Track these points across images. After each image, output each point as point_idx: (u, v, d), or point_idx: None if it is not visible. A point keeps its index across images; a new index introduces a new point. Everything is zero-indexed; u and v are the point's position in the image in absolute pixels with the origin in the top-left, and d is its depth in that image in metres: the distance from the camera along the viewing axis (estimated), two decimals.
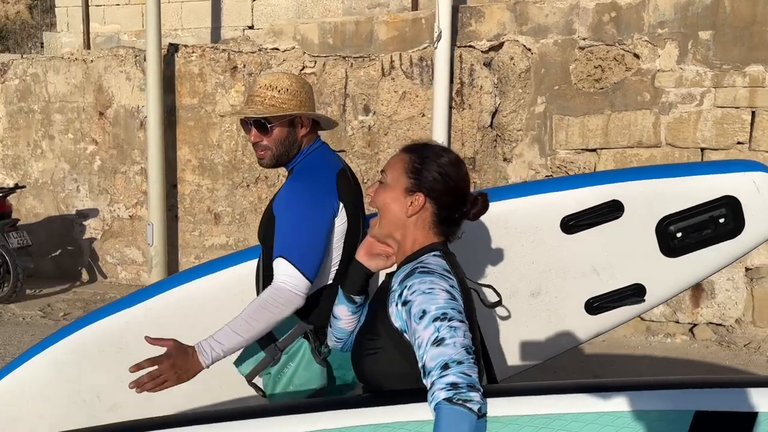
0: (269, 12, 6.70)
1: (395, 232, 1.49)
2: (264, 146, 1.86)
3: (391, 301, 1.40)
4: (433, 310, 1.28)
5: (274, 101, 1.84)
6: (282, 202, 1.82)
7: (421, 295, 1.31)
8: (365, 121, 5.53)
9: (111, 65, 6.25)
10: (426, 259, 1.42)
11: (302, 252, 1.74)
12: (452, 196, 1.46)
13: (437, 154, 1.48)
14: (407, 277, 1.37)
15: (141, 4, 7.07)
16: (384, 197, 1.49)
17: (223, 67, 5.93)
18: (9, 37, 10.65)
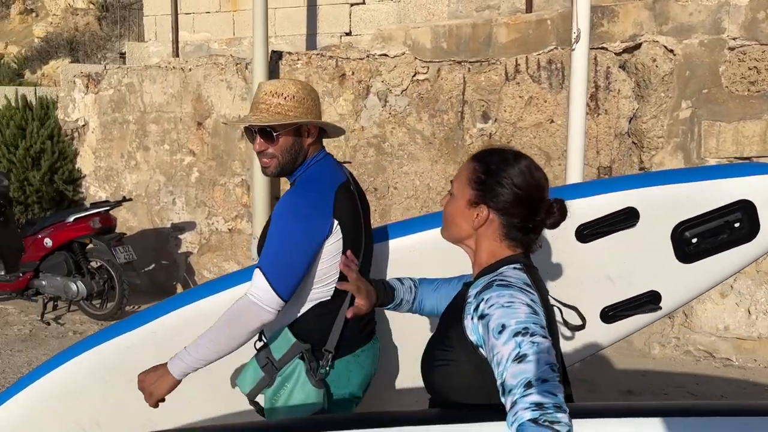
0: (368, 18, 6.48)
1: (466, 241, 1.45)
2: (270, 154, 1.81)
3: (466, 314, 1.34)
4: (513, 324, 1.21)
5: (280, 108, 1.79)
6: (276, 214, 1.79)
7: (499, 309, 1.24)
8: (485, 129, 5.25)
9: (211, 74, 6.07)
10: (505, 271, 1.35)
11: (280, 269, 1.71)
12: (521, 207, 1.37)
13: (504, 162, 1.39)
14: (484, 290, 1.31)
15: (233, 11, 6.92)
16: (449, 210, 1.45)
17: (331, 74, 5.70)
18: (79, 48, 10.64)
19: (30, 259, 5.50)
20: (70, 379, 2.17)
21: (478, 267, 1.42)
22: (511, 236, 1.39)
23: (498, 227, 1.39)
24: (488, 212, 1.38)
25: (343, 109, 5.69)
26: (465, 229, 1.42)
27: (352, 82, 5.65)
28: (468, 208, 1.41)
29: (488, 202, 1.38)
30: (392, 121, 5.54)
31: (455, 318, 1.38)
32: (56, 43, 10.74)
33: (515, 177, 1.37)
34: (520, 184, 1.36)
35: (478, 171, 1.40)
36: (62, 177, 6.51)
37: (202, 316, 2.03)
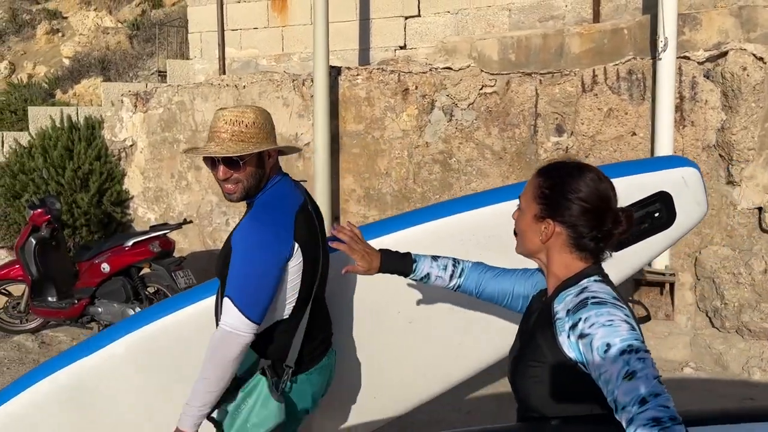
0: (424, 30, 6.30)
1: (537, 254, 1.48)
2: (235, 179, 1.86)
3: (560, 331, 1.35)
4: (618, 342, 1.23)
5: (242, 136, 1.84)
6: (237, 240, 1.83)
7: (601, 328, 1.27)
8: (561, 142, 5.04)
9: (266, 90, 5.90)
10: (590, 286, 1.38)
11: (248, 295, 1.77)
12: (587, 219, 1.39)
13: (568, 175, 1.41)
14: (579, 309, 1.32)
15: (282, 26, 6.77)
16: (519, 225, 1.50)
17: (393, 89, 5.51)
18: (110, 67, 10.51)
19: (85, 285, 5.30)
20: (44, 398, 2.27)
21: (555, 279, 1.45)
22: (581, 247, 1.41)
23: (566, 239, 1.41)
24: (554, 226, 1.41)
25: (406, 124, 5.50)
26: (535, 242, 1.45)
27: (416, 97, 5.46)
28: (535, 222, 1.44)
29: (554, 216, 1.41)
30: (459, 136, 5.34)
31: (545, 333, 1.39)
32: (87, 62, 10.62)
33: (580, 190, 1.39)
34: (585, 196, 1.38)
35: (543, 186, 1.43)
36: (110, 199, 6.33)
37: (159, 338, 2.24)
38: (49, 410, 2.27)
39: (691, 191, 2.32)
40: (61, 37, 12.97)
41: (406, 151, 5.50)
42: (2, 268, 5.62)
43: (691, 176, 2.36)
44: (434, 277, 1.88)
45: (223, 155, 1.82)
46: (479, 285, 1.83)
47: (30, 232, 5.38)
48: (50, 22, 13.13)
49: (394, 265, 1.90)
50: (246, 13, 6.94)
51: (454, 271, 1.87)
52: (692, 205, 2.34)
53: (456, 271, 1.87)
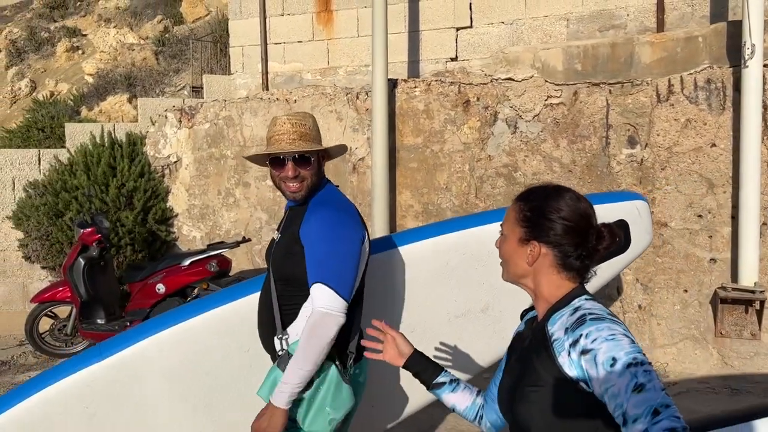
0: (477, 42, 6.16)
1: (524, 279, 1.48)
2: (302, 177, 1.96)
3: (558, 351, 1.34)
4: (623, 356, 1.24)
5: (308, 137, 1.98)
6: (313, 232, 1.88)
7: (605, 343, 1.27)
8: (634, 155, 4.87)
9: (319, 105, 5.73)
10: (583, 304, 1.38)
11: (339, 275, 1.84)
12: (571, 237, 1.40)
13: (548, 196, 1.44)
14: (578, 326, 1.33)
15: (327, 39, 6.63)
16: (504, 250, 1.50)
17: (453, 101, 5.35)
18: (136, 83, 10.38)
19: (139, 306, 5.09)
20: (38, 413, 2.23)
21: (545, 302, 1.44)
22: (568, 267, 1.42)
23: (552, 260, 1.42)
24: (540, 247, 1.42)
25: (467, 137, 5.33)
26: (521, 266, 1.46)
27: (478, 108, 5.29)
28: (520, 246, 1.44)
29: (538, 237, 1.42)
30: (524, 148, 5.17)
31: (540, 356, 1.38)
32: (111, 79, 10.48)
33: (561, 209, 1.40)
34: (567, 215, 1.40)
35: (524, 209, 1.44)
36: (155, 217, 6.13)
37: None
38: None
39: (643, 221, 2.73)
40: (81, 54, 12.86)
41: (467, 164, 5.33)
42: (48, 290, 5.42)
43: (643, 208, 2.76)
44: (462, 384, 1.74)
45: (300, 151, 1.94)
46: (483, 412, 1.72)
47: (79, 251, 5.18)
48: (70, 40, 13.02)
49: (430, 372, 1.74)
50: (290, 26, 6.80)
51: (478, 392, 1.75)
52: (643, 233, 2.73)
53: (479, 393, 1.74)
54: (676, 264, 4.77)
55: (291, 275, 1.94)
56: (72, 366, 2.27)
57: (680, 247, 4.75)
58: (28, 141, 8.82)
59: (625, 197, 2.83)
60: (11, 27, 14.52)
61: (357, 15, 6.55)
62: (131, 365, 2.28)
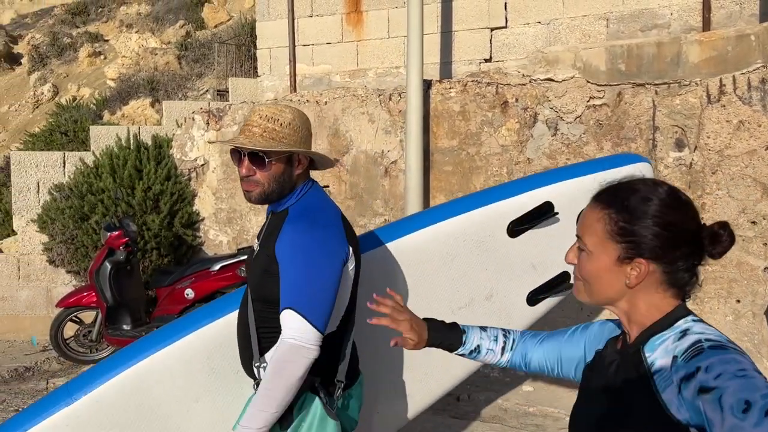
0: (512, 42, 5.99)
1: (616, 301, 1.19)
2: (255, 181, 1.75)
3: (662, 386, 1.08)
4: (759, 400, 0.95)
5: (274, 134, 1.74)
6: (287, 249, 1.69)
7: (733, 380, 0.98)
8: (683, 158, 4.66)
9: (350, 106, 5.59)
10: (693, 327, 1.12)
11: (313, 303, 1.64)
12: (683, 245, 1.13)
13: (645, 198, 1.14)
14: (694, 356, 1.05)
15: (356, 41, 6.49)
16: (590, 270, 1.18)
17: (491, 102, 5.18)
18: (159, 88, 10.32)
19: (166, 312, 4.95)
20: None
21: (638, 326, 1.18)
22: (677, 282, 1.16)
23: (660, 277, 1.15)
24: (647, 265, 1.13)
25: (505, 139, 5.15)
26: (616, 288, 1.17)
27: (517, 110, 5.12)
28: (618, 265, 1.15)
29: (644, 252, 1.13)
30: (566, 151, 4.98)
31: (635, 389, 1.14)
32: (134, 83, 10.43)
33: (666, 212, 1.13)
34: (676, 218, 1.13)
35: (617, 219, 1.15)
36: (181, 220, 6.00)
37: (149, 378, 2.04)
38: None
39: None
40: (103, 59, 12.86)
41: (505, 167, 5.14)
42: (73, 294, 5.30)
43: (647, 170, 2.61)
44: (485, 350, 1.57)
45: (250, 149, 1.71)
46: (525, 356, 1.55)
47: (105, 255, 5.06)
48: (92, 45, 13.03)
49: (444, 337, 1.56)
50: (319, 27, 6.67)
51: (506, 343, 1.57)
52: None
53: (507, 344, 1.57)
54: (727, 273, 4.54)
55: (269, 296, 1.73)
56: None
57: (732, 255, 4.52)
58: (51, 145, 8.76)
59: (627, 160, 2.66)
60: (34, 33, 14.58)
61: (388, 16, 6.41)
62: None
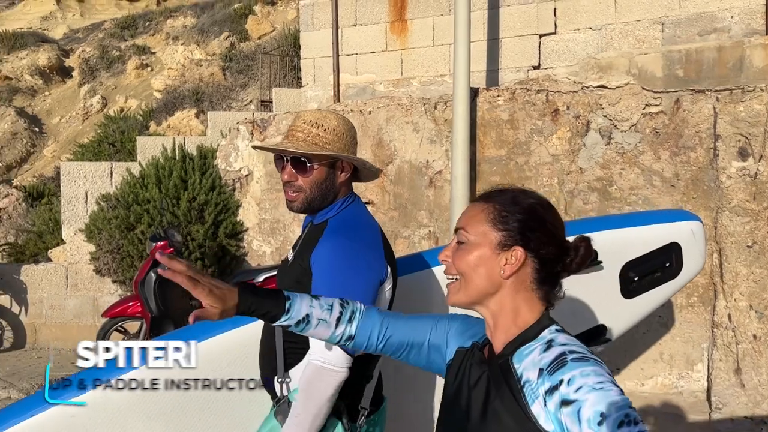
0: (561, 49, 5.82)
1: (485, 298, 1.19)
2: (297, 187, 1.73)
3: (531, 398, 1.09)
4: (613, 411, 0.99)
5: (317, 140, 1.71)
6: (322, 263, 1.64)
7: (591, 393, 1.01)
8: (747, 168, 4.41)
9: (394, 116, 5.49)
10: (557, 337, 1.14)
11: None
12: (553, 245, 1.18)
13: (525, 195, 1.20)
14: (557, 368, 1.06)
15: (401, 50, 6.41)
16: (468, 259, 1.18)
17: (541, 110, 5.02)
18: (203, 98, 10.45)
19: None
20: None
21: (502, 332, 1.19)
22: (543, 282, 1.19)
23: (531, 273, 1.18)
24: (523, 254, 1.17)
25: (556, 148, 4.97)
26: (491, 279, 1.18)
27: (568, 118, 4.94)
28: (495, 252, 1.18)
29: (521, 241, 1.17)
30: (620, 160, 4.78)
31: (505, 401, 1.14)
32: (179, 94, 10.60)
33: (542, 210, 1.19)
34: (549, 218, 1.19)
35: (500, 208, 1.19)
36: (225, 231, 6.00)
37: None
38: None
39: (697, 244, 2.52)
40: (150, 71, 13.13)
41: (555, 177, 4.97)
42: (119, 305, 5.32)
43: (698, 230, 2.57)
44: (315, 320, 1.34)
45: (292, 153, 1.69)
46: (381, 333, 1.37)
47: (151, 265, 5.06)
48: (140, 57, 13.32)
49: (259, 304, 1.30)
50: (363, 37, 6.62)
51: (342, 314, 1.37)
52: (697, 257, 2.52)
53: (344, 314, 1.37)
54: None
55: None
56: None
57: None
58: (99, 155, 8.94)
59: (679, 217, 2.69)
60: (84, 46, 15.00)
61: (432, 24, 6.31)
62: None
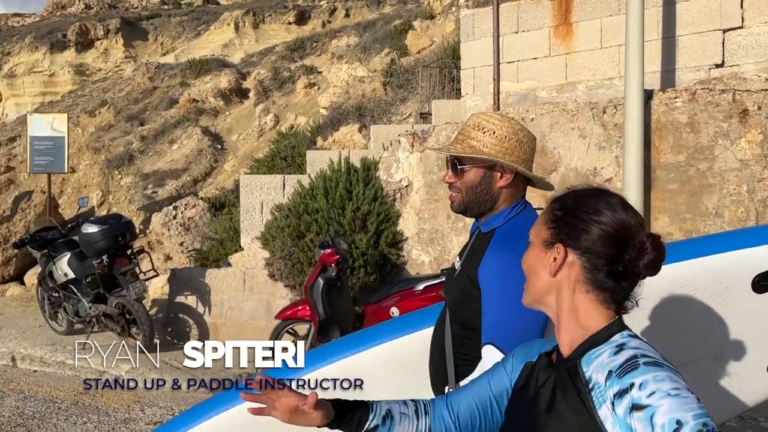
0: (749, 44, 5.27)
1: (545, 297, 1.21)
2: (456, 188, 1.74)
3: (598, 401, 1.06)
4: (691, 420, 0.95)
5: (474, 142, 1.69)
6: (493, 276, 1.58)
7: (667, 399, 0.98)
8: None
9: (559, 122, 5.31)
10: (629, 342, 1.11)
11: (517, 340, 1.45)
12: (606, 246, 1.14)
13: (585, 196, 1.21)
14: (628, 371, 1.03)
15: (565, 54, 6.18)
16: (526, 259, 1.26)
17: (727, 111, 4.57)
18: (365, 114, 10.86)
19: None
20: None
21: (569, 333, 1.17)
22: (599, 283, 1.15)
23: (581, 271, 1.16)
24: (565, 251, 1.17)
25: (745, 153, 4.49)
26: (543, 278, 1.20)
27: (759, 119, 4.45)
28: (544, 251, 1.20)
29: (565, 238, 1.17)
30: None
31: (571, 402, 1.10)
32: (344, 110, 11.12)
33: (600, 211, 1.16)
34: (604, 219, 1.16)
35: (555, 208, 1.22)
36: (386, 240, 6.16)
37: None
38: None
39: None
40: (317, 89, 13.93)
41: (744, 185, 4.48)
42: (290, 308, 5.65)
43: None
44: (398, 415, 1.37)
45: (444, 153, 1.77)
46: (451, 411, 1.38)
47: (319, 271, 5.33)
48: (308, 77, 14.19)
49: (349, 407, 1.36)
50: (524, 43, 6.49)
51: (417, 406, 1.40)
52: None
53: (420, 407, 1.40)
54: None
55: (469, 321, 1.66)
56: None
57: None
58: (272, 169, 9.62)
59: None
60: (259, 69, 16.30)
61: (600, 25, 6.02)
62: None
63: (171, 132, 13.91)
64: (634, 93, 4.66)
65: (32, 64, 28.10)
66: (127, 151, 13.35)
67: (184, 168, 12.41)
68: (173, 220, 9.30)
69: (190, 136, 13.40)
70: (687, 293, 2.14)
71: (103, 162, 12.97)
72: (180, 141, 13.47)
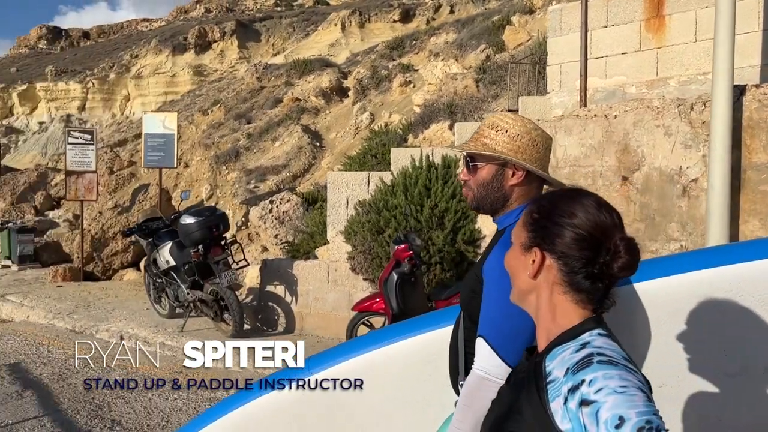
0: None
1: (526, 296, 1.27)
2: (468, 186, 1.76)
3: (552, 395, 1.10)
4: (633, 416, 0.98)
5: (487, 140, 1.71)
6: (494, 273, 1.59)
7: (612, 396, 1.01)
8: None
9: (643, 119, 5.10)
10: (593, 340, 1.14)
11: (506, 335, 1.56)
12: (579, 249, 1.17)
13: (559, 198, 1.24)
14: (582, 368, 1.07)
15: (656, 48, 5.90)
16: (508, 260, 1.31)
17: None
18: (457, 111, 10.86)
19: None
20: None
21: (545, 331, 1.22)
22: (576, 285, 1.19)
23: (558, 273, 1.20)
24: (542, 255, 1.21)
25: None
26: (523, 280, 1.25)
27: None
28: (522, 253, 1.25)
29: (541, 243, 1.21)
30: None
31: (530, 397, 1.15)
32: (435, 108, 11.19)
33: (574, 214, 1.19)
34: (579, 222, 1.18)
35: (533, 211, 1.25)
36: (463, 237, 6.18)
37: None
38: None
39: None
40: (412, 87, 14.07)
41: None
42: (366, 300, 5.83)
43: None
44: None
45: (455, 150, 2.04)
46: None
47: (393, 266, 5.45)
48: (404, 75, 14.37)
49: None
50: (614, 37, 6.27)
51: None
52: None
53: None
54: None
55: (474, 316, 1.68)
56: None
57: None
58: (363, 166, 9.88)
59: None
60: (359, 68, 16.70)
61: (695, 17, 5.70)
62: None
63: (274, 130, 14.59)
64: (722, 89, 4.39)
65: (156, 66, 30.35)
66: (234, 148, 14.16)
67: (285, 164, 12.99)
68: (269, 213, 9.79)
69: (292, 133, 13.98)
70: (734, 299, 2.03)
71: (213, 158, 13.83)
72: (282, 138, 14.10)
